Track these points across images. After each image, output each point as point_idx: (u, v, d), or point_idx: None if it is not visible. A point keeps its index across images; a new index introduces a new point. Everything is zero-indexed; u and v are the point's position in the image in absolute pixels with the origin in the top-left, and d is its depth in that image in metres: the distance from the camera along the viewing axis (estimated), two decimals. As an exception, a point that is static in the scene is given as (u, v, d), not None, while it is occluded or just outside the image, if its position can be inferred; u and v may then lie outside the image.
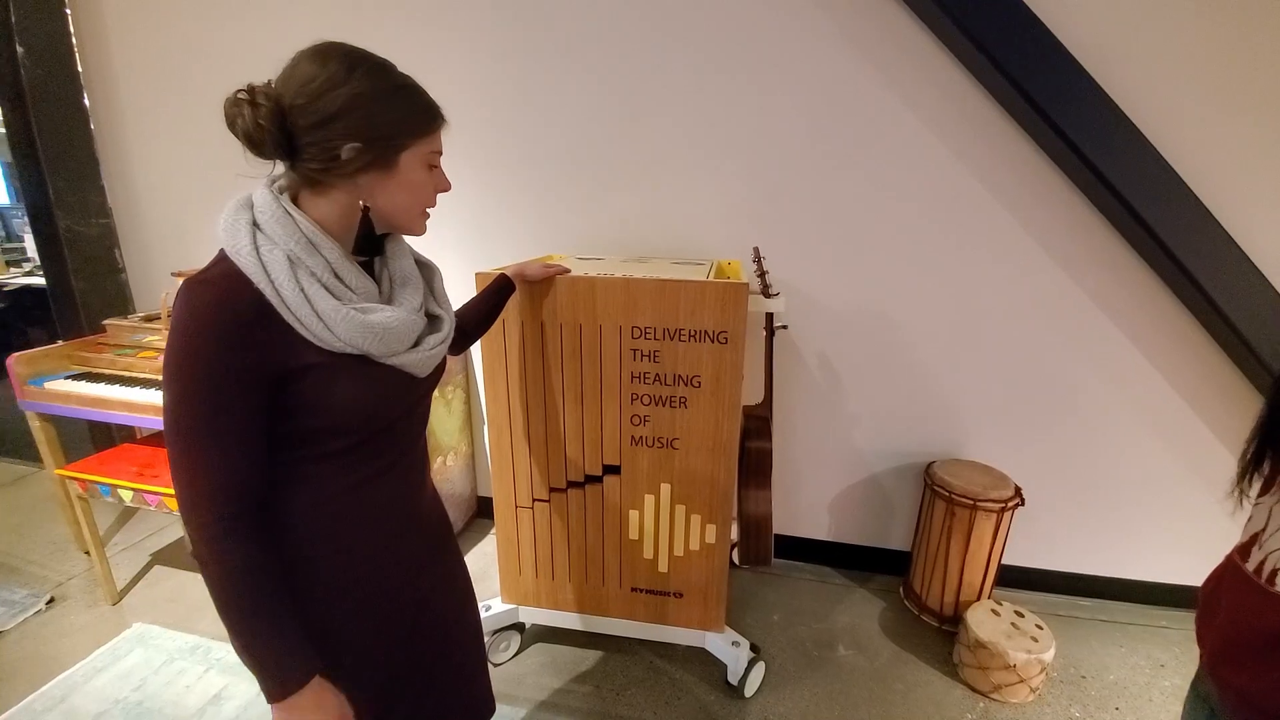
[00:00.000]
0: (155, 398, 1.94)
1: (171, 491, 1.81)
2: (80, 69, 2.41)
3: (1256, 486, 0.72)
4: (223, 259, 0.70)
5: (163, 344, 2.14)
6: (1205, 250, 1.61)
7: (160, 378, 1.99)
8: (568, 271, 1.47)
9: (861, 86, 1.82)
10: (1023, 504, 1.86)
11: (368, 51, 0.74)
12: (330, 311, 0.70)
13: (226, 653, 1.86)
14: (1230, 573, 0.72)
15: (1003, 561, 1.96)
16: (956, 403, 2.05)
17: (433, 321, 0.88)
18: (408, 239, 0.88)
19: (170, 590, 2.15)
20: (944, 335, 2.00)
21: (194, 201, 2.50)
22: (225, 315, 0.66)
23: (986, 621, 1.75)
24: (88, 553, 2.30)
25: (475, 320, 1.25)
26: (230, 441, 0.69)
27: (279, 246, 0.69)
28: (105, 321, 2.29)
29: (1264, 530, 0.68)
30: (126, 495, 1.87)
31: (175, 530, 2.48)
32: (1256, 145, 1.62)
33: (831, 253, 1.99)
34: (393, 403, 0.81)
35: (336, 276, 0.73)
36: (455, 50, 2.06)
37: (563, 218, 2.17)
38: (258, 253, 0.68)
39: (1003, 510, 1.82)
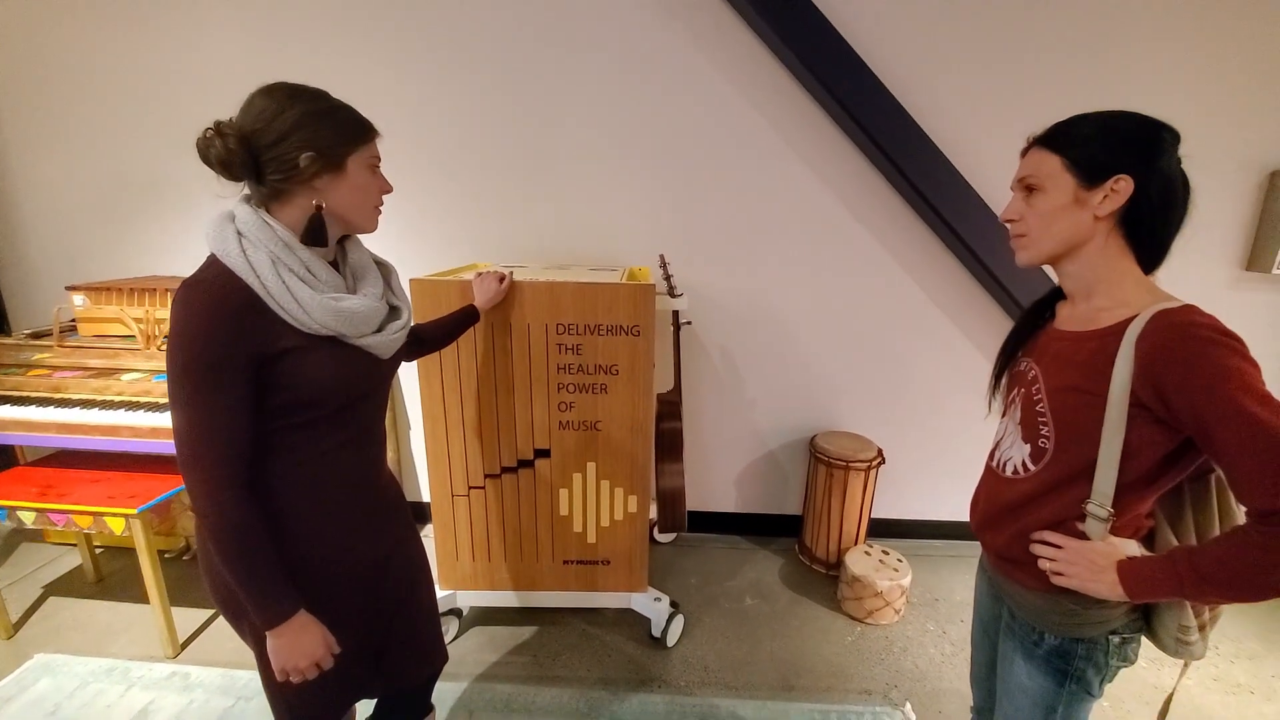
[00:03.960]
0: (57, 415, 1.87)
1: (82, 509, 1.78)
2: (-55, 71, 2.25)
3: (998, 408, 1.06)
4: (213, 262, 0.84)
5: (56, 361, 2.05)
6: (998, 249, 2.09)
7: (52, 395, 1.95)
8: (505, 278, 1.63)
9: (746, 118, 2.16)
10: (884, 462, 2.26)
11: (305, 85, 0.89)
12: (308, 299, 0.85)
13: (148, 671, 1.83)
14: (986, 470, 1.06)
15: (874, 515, 2.36)
16: (831, 383, 2.44)
17: (393, 311, 1.03)
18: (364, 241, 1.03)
19: (71, 619, 2.05)
20: (819, 326, 2.38)
21: (83, 214, 2.39)
22: (222, 307, 0.81)
23: (860, 560, 2.12)
24: (-32, 589, 2.13)
25: (437, 335, 1.42)
26: (227, 412, 0.83)
27: (261, 249, 0.83)
28: (-17, 340, 2.14)
29: (1001, 439, 1.01)
30: (28, 517, 1.79)
31: (71, 559, 2.33)
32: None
33: (728, 259, 2.32)
34: (359, 379, 0.96)
35: (309, 271, 0.88)
36: (368, 69, 2.17)
37: (486, 228, 2.33)
38: (245, 255, 0.82)
39: (868, 469, 2.21)
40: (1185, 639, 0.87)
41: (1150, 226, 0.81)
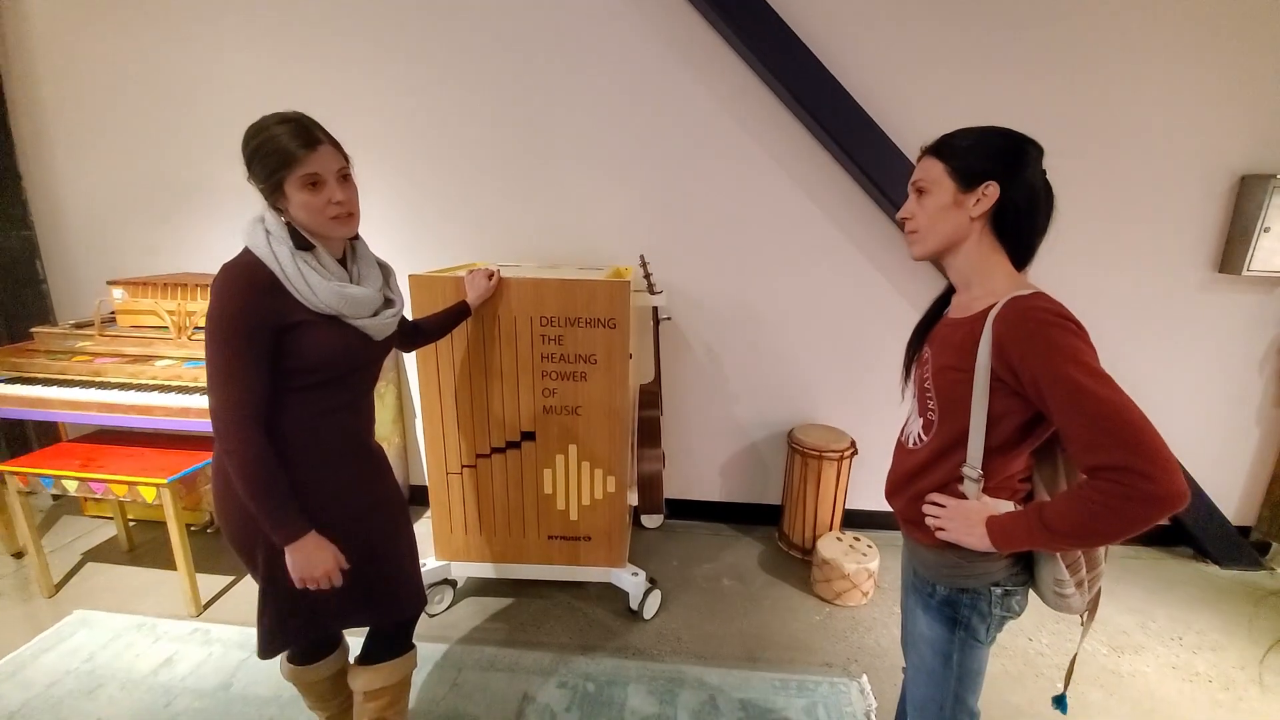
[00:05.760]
0: (97, 396, 2.09)
1: (118, 478, 1.99)
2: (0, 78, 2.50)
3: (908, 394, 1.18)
4: (246, 252, 1.06)
5: (96, 349, 2.28)
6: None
7: (93, 379, 2.17)
8: (494, 275, 1.79)
9: (725, 128, 2.30)
10: (857, 453, 2.36)
11: (264, 119, 1.04)
12: (318, 284, 1.06)
13: (173, 627, 2.02)
14: (896, 444, 1.18)
15: (853, 507, 2.47)
16: (808, 377, 2.56)
17: (387, 302, 1.23)
18: (372, 246, 1.25)
19: (106, 581, 2.27)
20: (796, 322, 2.51)
21: (122, 212, 2.63)
22: (250, 286, 1.02)
23: (831, 545, 2.23)
24: (17, 555, 2.36)
25: (433, 328, 1.62)
26: (252, 365, 1.03)
27: (283, 244, 1.05)
28: (33, 329, 2.38)
29: (908, 420, 1.14)
30: (71, 485, 2.01)
31: (107, 530, 2.56)
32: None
33: (709, 258, 2.46)
34: (354, 353, 1.15)
35: (320, 263, 1.09)
36: (373, 84, 2.36)
37: (482, 230, 2.51)
38: (270, 247, 1.04)
39: (841, 458, 2.32)
40: (1061, 592, 0.98)
41: (1016, 227, 0.94)
